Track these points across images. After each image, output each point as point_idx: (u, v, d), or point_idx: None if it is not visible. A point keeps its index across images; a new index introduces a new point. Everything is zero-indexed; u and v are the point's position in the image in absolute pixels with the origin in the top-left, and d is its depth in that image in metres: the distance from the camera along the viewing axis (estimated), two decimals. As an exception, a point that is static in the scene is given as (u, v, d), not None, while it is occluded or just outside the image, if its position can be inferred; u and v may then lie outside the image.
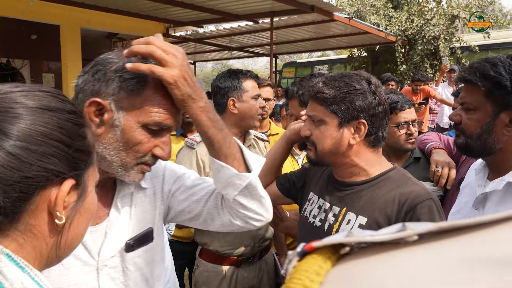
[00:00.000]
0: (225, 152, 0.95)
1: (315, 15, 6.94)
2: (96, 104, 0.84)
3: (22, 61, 8.09)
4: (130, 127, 0.85)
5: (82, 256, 0.89)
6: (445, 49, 9.14)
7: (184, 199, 1.05)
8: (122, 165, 0.87)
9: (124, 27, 7.40)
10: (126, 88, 0.83)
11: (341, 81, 1.17)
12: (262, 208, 1.00)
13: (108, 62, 0.86)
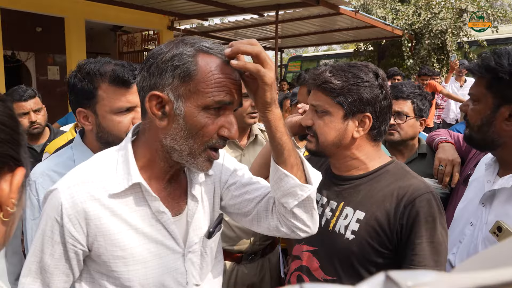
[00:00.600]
0: (292, 161, 0.95)
1: (321, 8, 6.88)
2: (156, 98, 0.86)
3: (27, 54, 8.11)
4: (191, 112, 0.85)
5: (171, 245, 0.96)
6: (452, 44, 9.03)
7: (237, 195, 1.06)
8: (191, 153, 0.88)
9: (129, 19, 7.38)
10: (178, 75, 0.84)
11: (349, 71, 1.14)
12: (312, 220, 1.01)
13: (159, 54, 0.87)
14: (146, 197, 0.92)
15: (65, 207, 0.87)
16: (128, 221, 0.91)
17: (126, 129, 1.28)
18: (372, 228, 1.10)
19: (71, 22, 6.64)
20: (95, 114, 1.28)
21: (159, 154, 0.92)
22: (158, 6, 7.16)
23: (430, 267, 1.06)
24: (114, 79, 1.23)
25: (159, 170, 0.94)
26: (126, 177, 0.90)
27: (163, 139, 0.88)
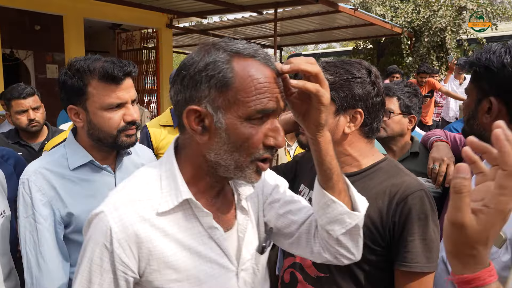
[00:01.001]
0: (340, 187, 0.90)
1: (320, 6, 6.86)
2: (193, 112, 0.80)
3: (26, 52, 8.09)
4: (233, 124, 0.78)
5: (225, 264, 0.90)
6: (451, 41, 9.02)
7: (282, 214, 1.00)
8: (238, 166, 0.82)
9: (127, 17, 7.37)
10: (215, 86, 0.77)
11: (341, 67, 1.14)
12: (357, 248, 0.95)
13: (191, 64, 0.80)
14: (197, 213, 0.86)
15: (115, 231, 0.80)
16: (181, 240, 0.84)
17: (116, 125, 1.28)
18: (364, 226, 1.09)
19: (70, 20, 6.63)
20: (86, 111, 1.28)
21: (203, 169, 0.86)
22: (157, 4, 7.14)
23: (422, 264, 1.06)
24: (103, 76, 1.24)
25: (206, 185, 0.88)
26: (174, 194, 0.84)
27: (206, 154, 0.83)
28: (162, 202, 0.84)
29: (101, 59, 1.29)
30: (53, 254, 1.25)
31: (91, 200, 1.31)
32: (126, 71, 1.27)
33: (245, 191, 0.96)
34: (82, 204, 1.30)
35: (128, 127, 1.31)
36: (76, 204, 1.29)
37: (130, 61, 1.32)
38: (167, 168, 0.87)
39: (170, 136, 2.43)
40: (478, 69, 1.13)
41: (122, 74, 1.26)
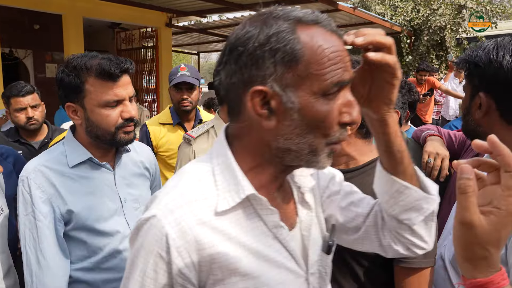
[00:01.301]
0: (411, 170, 0.81)
1: (319, 5, 6.85)
2: (258, 94, 0.69)
3: (25, 51, 8.08)
4: (308, 102, 0.68)
5: (293, 268, 0.79)
6: (451, 40, 9.01)
7: (344, 207, 0.91)
8: (312, 151, 0.72)
9: (127, 16, 7.36)
10: (281, 60, 0.67)
11: None
12: (430, 236, 0.87)
13: (248, 39, 0.68)
14: (259, 211, 0.75)
15: (172, 238, 0.68)
16: (245, 243, 0.73)
17: (114, 122, 1.28)
18: None
19: (69, 19, 6.62)
20: (84, 108, 1.28)
21: (266, 159, 0.75)
22: (156, 3, 7.14)
23: (419, 260, 1.08)
24: (100, 73, 1.24)
25: (267, 178, 0.77)
26: (234, 189, 0.73)
27: (272, 141, 0.72)
28: (220, 200, 0.73)
29: (98, 56, 1.29)
30: (53, 251, 1.25)
31: (90, 197, 1.32)
32: (123, 68, 1.27)
33: (306, 183, 0.86)
34: (81, 201, 1.30)
35: (126, 124, 1.31)
36: (76, 201, 1.29)
37: (127, 58, 1.32)
38: (221, 161, 0.76)
39: (169, 134, 2.43)
40: (469, 66, 1.16)
41: (119, 71, 1.26)
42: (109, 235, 1.34)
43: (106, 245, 1.33)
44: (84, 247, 1.32)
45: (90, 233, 1.31)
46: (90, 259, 1.32)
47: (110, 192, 1.37)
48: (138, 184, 1.46)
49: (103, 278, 1.34)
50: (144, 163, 1.52)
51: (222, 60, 0.73)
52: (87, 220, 1.30)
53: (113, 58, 1.27)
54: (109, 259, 1.34)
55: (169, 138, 2.40)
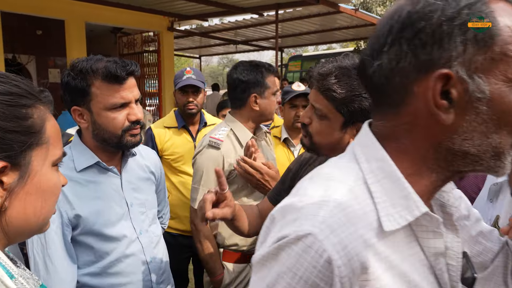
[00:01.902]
0: None
1: (321, 7, 6.86)
2: (441, 79, 0.55)
3: (28, 57, 8.12)
4: (501, 92, 0.55)
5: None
6: (453, 40, 9.00)
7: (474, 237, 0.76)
8: (496, 154, 0.58)
9: (129, 21, 7.38)
10: (474, 38, 0.54)
11: (354, 78, 1.08)
12: None
13: (430, 11, 0.55)
14: (419, 233, 0.61)
15: (337, 265, 0.53)
16: (405, 274, 0.59)
17: (121, 125, 1.28)
18: None
19: (71, 24, 6.65)
20: (90, 111, 1.28)
21: (429, 164, 0.60)
22: (158, 7, 7.16)
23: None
24: (106, 76, 1.23)
25: (425, 189, 0.62)
26: (402, 205, 0.58)
27: (446, 141, 0.58)
28: (383, 217, 0.58)
29: (104, 59, 1.29)
30: (60, 256, 1.24)
31: (98, 201, 1.31)
32: (129, 71, 1.26)
33: (451, 200, 0.69)
34: (89, 206, 1.29)
35: (133, 126, 1.30)
36: (83, 206, 1.28)
37: (132, 61, 1.31)
38: (376, 167, 0.61)
39: (174, 138, 2.42)
40: None
41: (125, 73, 1.25)
42: (116, 239, 1.33)
43: (113, 250, 1.32)
44: (91, 252, 1.31)
45: (97, 237, 1.30)
46: (97, 263, 1.31)
47: (117, 196, 1.36)
48: (144, 188, 1.45)
49: (109, 283, 1.33)
50: (150, 167, 1.52)
51: (386, 41, 0.59)
52: (95, 224, 1.29)
53: (118, 61, 1.27)
54: (116, 263, 1.33)
55: (174, 142, 2.39)
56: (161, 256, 1.46)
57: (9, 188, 0.62)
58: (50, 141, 0.69)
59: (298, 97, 2.29)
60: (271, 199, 1.46)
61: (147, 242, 1.40)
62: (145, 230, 1.41)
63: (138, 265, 1.37)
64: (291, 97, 2.28)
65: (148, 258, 1.39)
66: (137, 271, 1.36)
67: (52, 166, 0.70)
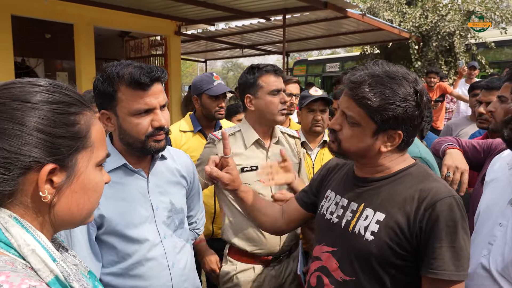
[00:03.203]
0: None
1: (328, 12, 6.87)
2: None
3: (37, 60, 8.18)
4: None
5: None
6: (460, 46, 8.99)
7: None
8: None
9: (136, 25, 7.42)
10: None
11: (388, 86, 1.09)
12: None
13: None
14: None
15: None
16: None
17: (144, 131, 1.29)
18: (391, 230, 1.09)
19: (80, 28, 6.69)
20: (116, 116, 1.30)
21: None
22: (165, 12, 7.20)
23: (449, 272, 1.03)
24: (131, 82, 1.25)
25: None
26: None
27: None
28: None
29: (132, 64, 1.30)
30: (85, 255, 1.25)
31: (122, 203, 1.32)
32: (154, 77, 1.27)
33: None
34: (113, 206, 1.30)
35: (156, 132, 1.31)
36: (108, 206, 1.29)
37: (159, 67, 1.32)
38: None
39: (190, 142, 2.43)
40: None
41: (149, 80, 1.26)
42: (139, 242, 1.33)
43: (135, 252, 1.33)
44: (114, 252, 1.32)
45: (120, 238, 1.31)
46: (119, 264, 1.32)
47: (142, 199, 1.36)
48: (172, 192, 1.44)
49: (130, 285, 1.33)
50: (181, 171, 1.51)
51: None
52: (118, 225, 1.30)
53: (144, 67, 1.28)
54: (137, 266, 1.33)
55: (190, 145, 2.40)
56: (184, 263, 1.45)
57: (58, 186, 0.69)
58: (94, 145, 0.75)
59: (316, 102, 2.30)
60: (299, 201, 1.48)
61: (171, 247, 1.40)
62: (170, 234, 1.41)
63: (159, 270, 1.36)
64: (309, 101, 2.29)
65: (170, 263, 1.38)
66: (158, 276, 1.36)
67: (96, 167, 0.76)
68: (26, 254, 0.65)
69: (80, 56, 6.71)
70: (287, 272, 1.89)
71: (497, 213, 1.29)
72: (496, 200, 1.31)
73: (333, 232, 1.23)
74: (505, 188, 1.27)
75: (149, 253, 1.34)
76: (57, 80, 0.73)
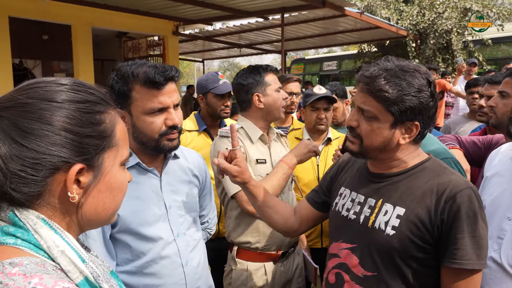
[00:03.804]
0: None
1: (326, 10, 6.90)
2: None
3: (34, 61, 8.15)
4: None
5: None
6: (457, 43, 9.03)
7: None
8: None
9: (134, 26, 7.42)
10: None
11: (403, 78, 1.11)
12: None
13: None
14: None
15: None
16: None
17: (158, 129, 1.29)
18: (413, 224, 1.11)
19: (78, 29, 6.68)
20: (130, 114, 1.31)
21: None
22: (163, 12, 7.19)
23: (472, 261, 1.06)
24: (145, 81, 1.26)
25: None
26: None
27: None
28: None
29: (146, 64, 1.31)
30: (100, 253, 1.25)
31: (136, 201, 1.32)
32: (168, 76, 1.28)
33: None
34: (127, 205, 1.30)
35: (170, 131, 1.31)
36: (123, 205, 1.29)
37: (173, 66, 1.33)
38: None
39: (196, 141, 2.43)
40: None
41: (163, 79, 1.26)
42: (152, 240, 1.34)
43: (149, 250, 1.33)
44: (128, 250, 1.32)
45: (134, 236, 1.32)
46: (133, 262, 1.32)
47: (155, 197, 1.37)
48: (184, 191, 1.45)
49: (144, 283, 1.33)
50: (193, 170, 1.52)
51: None
52: (131, 223, 1.31)
53: (159, 66, 1.28)
54: (151, 264, 1.33)
55: (196, 145, 2.39)
56: (197, 261, 1.45)
57: (85, 187, 0.69)
58: (119, 143, 0.74)
59: (319, 100, 2.31)
60: (309, 201, 1.48)
61: (184, 246, 1.40)
62: (183, 233, 1.41)
63: (173, 268, 1.36)
64: (313, 100, 2.30)
65: (183, 261, 1.39)
66: (172, 274, 1.36)
67: (120, 166, 0.75)
68: (56, 256, 0.64)
69: (78, 57, 6.70)
70: (294, 266, 1.91)
71: (505, 207, 1.29)
72: (502, 194, 1.31)
73: (351, 229, 1.23)
74: (511, 182, 1.28)
75: (163, 251, 1.35)
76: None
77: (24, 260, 0.60)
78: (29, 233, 0.64)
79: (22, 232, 0.64)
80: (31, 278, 0.57)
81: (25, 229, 0.64)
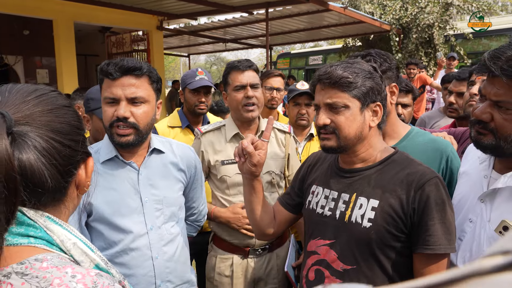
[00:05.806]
0: None
1: (310, 5, 6.92)
2: None
3: (15, 57, 8.00)
4: None
5: None
6: (439, 37, 9.17)
7: None
8: None
9: (118, 20, 7.33)
10: None
11: (354, 66, 1.21)
12: None
13: None
14: None
15: None
16: None
17: (108, 119, 1.34)
18: (387, 214, 1.16)
19: (60, 24, 6.57)
20: None
21: None
22: (147, 6, 7.12)
23: (444, 246, 1.12)
24: (101, 71, 1.38)
25: None
26: None
27: None
28: None
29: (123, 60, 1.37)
30: None
31: (111, 192, 1.37)
32: (123, 68, 1.32)
33: None
34: (101, 195, 1.35)
35: (116, 123, 1.33)
36: (97, 194, 1.34)
37: (138, 61, 1.36)
38: None
39: (178, 137, 2.45)
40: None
41: (115, 70, 1.33)
42: (124, 231, 1.37)
43: (120, 241, 1.37)
44: (101, 238, 1.37)
45: (107, 226, 1.36)
46: (106, 251, 1.36)
47: (132, 190, 1.40)
48: (165, 186, 1.46)
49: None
50: (179, 164, 1.52)
51: None
52: (104, 213, 1.35)
53: (123, 60, 1.36)
54: (122, 254, 1.37)
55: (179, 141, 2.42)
56: (170, 255, 1.45)
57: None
58: None
59: (301, 96, 2.35)
60: (283, 204, 1.49)
61: (157, 239, 1.42)
62: (158, 226, 1.43)
63: (142, 260, 1.39)
64: (294, 95, 2.34)
65: (154, 254, 1.40)
66: (140, 265, 1.39)
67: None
68: (69, 248, 0.68)
69: (60, 52, 6.60)
70: (269, 266, 1.90)
71: (468, 209, 1.29)
72: (467, 195, 1.30)
73: (327, 225, 1.26)
74: (476, 183, 1.27)
75: (133, 243, 1.38)
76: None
77: (47, 255, 0.63)
78: (42, 230, 0.66)
79: (34, 231, 0.65)
80: (64, 269, 0.61)
81: (37, 227, 0.66)
